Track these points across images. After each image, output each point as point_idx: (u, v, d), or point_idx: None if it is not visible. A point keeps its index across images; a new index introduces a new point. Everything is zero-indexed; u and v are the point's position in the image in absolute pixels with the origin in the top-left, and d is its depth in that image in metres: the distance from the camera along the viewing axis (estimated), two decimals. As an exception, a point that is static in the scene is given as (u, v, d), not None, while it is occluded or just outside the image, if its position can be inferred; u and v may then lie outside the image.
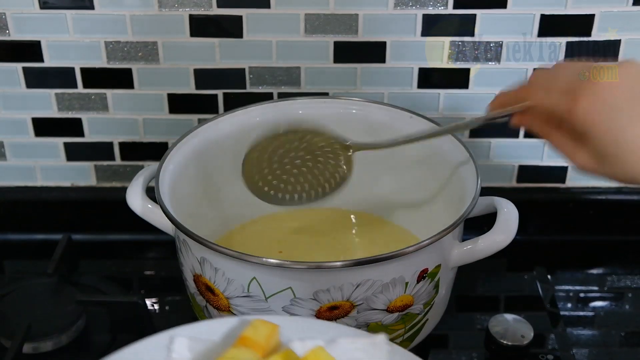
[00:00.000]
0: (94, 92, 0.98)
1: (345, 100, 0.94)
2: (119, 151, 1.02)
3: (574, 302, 0.96)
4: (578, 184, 1.04)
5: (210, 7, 0.93)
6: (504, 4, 0.92)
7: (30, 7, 0.92)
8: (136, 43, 0.95)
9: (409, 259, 0.74)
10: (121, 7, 0.93)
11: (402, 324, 0.78)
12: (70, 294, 0.89)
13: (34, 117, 1.00)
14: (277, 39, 0.95)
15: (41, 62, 0.96)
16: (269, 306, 0.74)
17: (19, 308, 0.88)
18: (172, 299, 0.95)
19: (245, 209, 0.95)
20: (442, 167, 0.88)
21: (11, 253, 1.04)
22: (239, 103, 0.95)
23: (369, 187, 0.96)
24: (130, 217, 0.85)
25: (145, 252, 1.04)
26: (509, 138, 1.01)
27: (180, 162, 0.85)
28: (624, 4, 0.92)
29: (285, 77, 0.97)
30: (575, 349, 0.88)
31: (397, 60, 0.96)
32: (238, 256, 0.72)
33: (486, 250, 0.78)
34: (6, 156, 1.03)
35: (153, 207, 0.83)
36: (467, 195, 0.79)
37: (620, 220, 1.04)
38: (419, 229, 0.92)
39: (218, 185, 0.92)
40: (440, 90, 0.98)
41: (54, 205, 1.03)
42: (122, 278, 0.98)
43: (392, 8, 0.92)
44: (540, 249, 1.03)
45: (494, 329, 0.86)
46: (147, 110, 0.99)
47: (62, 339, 0.85)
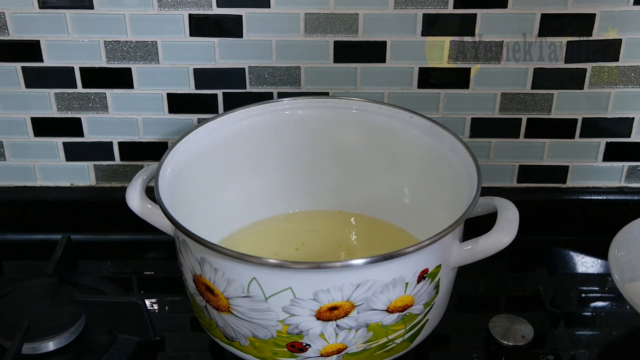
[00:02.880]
0: (93, 91, 0.98)
1: (345, 100, 0.93)
2: (118, 151, 1.02)
3: (574, 302, 0.96)
4: (578, 184, 1.04)
5: (210, 6, 0.92)
6: (504, 4, 0.92)
7: (30, 6, 0.92)
8: (135, 43, 0.95)
9: (409, 259, 0.74)
10: (120, 7, 0.92)
11: (402, 324, 0.78)
12: (70, 294, 0.89)
13: (33, 117, 1.00)
14: (277, 39, 0.95)
15: (40, 61, 0.96)
16: (269, 306, 0.74)
17: (19, 308, 0.88)
18: (172, 299, 0.95)
19: (245, 209, 0.95)
20: (442, 167, 0.88)
21: (11, 253, 1.03)
22: (239, 103, 0.95)
23: (369, 189, 0.96)
24: (129, 217, 0.85)
25: (145, 252, 1.04)
26: (509, 138, 1.01)
27: (179, 162, 0.85)
28: (624, 4, 0.92)
29: (285, 77, 0.97)
30: (576, 349, 0.88)
31: (397, 60, 0.96)
32: (238, 256, 0.71)
33: (487, 250, 0.78)
34: (5, 156, 1.02)
35: (152, 207, 0.83)
36: (467, 195, 0.79)
37: (620, 220, 1.04)
38: (419, 229, 0.92)
39: (218, 185, 0.92)
40: (440, 90, 0.98)
41: (53, 206, 1.03)
42: (122, 278, 0.98)
43: (392, 8, 0.92)
44: (540, 249, 1.02)
45: (494, 329, 0.86)
46: (146, 110, 0.99)
47: (62, 339, 0.85)
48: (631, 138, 1.01)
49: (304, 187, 0.97)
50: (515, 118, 1.00)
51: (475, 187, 0.79)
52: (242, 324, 0.77)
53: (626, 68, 0.96)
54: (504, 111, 0.99)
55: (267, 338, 0.77)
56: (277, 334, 0.76)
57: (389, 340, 0.78)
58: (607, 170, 1.03)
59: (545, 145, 1.01)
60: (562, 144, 1.01)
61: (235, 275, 0.74)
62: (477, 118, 1.00)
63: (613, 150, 1.02)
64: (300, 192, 0.97)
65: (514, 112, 0.99)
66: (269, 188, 0.96)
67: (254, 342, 0.78)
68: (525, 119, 1.00)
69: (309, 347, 0.77)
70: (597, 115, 0.99)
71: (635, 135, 1.01)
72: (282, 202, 0.97)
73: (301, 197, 0.97)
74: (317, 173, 0.96)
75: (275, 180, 0.96)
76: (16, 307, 0.88)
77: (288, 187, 0.97)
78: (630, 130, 1.00)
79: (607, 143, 1.01)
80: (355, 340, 0.77)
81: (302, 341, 0.76)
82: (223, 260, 0.73)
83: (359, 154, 0.95)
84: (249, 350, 0.79)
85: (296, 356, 0.78)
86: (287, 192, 0.97)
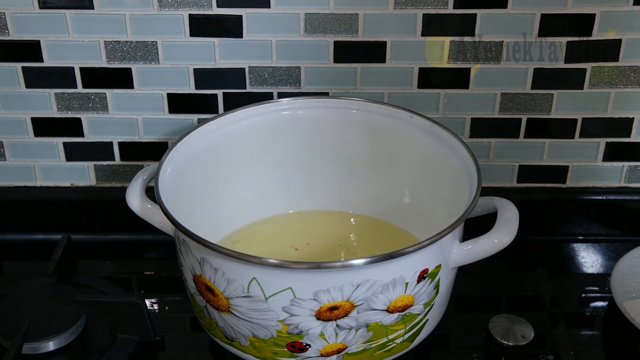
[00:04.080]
0: (93, 92, 0.98)
1: (345, 100, 0.93)
2: (118, 151, 1.02)
3: (574, 302, 0.96)
4: (578, 184, 1.04)
5: (210, 6, 0.92)
6: (504, 4, 0.92)
7: (30, 6, 0.92)
8: (136, 43, 0.95)
9: (409, 259, 0.74)
10: (121, 7, 0.92)
11: (402, 324, 0.78)
12: (70, 294, 0.89)
13: (34, 117, 1.00)
14: (277, 39, 0.95)
15: (41, 61, 0.96)
16: (269, 306, 0.74)
17: (19, 308, 0.88)
18: (172, 299, 0.95)
19: (245, 210, 0.95)
20: (442, 167, 0.88)
21: (11, 253, 1.03)
22: (239, 103, 0.95)
23: (369, 189, 0.96)
24: (129, 217, 0.85)
25: (145, 252, 1.04)
26: (509, 138, 1.01)
27: (180, 162, 0.85)
28: (624, 4, 0.92)
29: (285, 77, 0.97)
30: (575, 349, 0.88)
31: (397, 60, 0.96)
32: (238, 256, 0.72)
33: (486, 250, 0.78)
34: (5, 156, 1.02)
35: (153, 207, 0.83)
36: (467, 195, 0.79)
37: (620, 220, 1.04)
38: (419, 229, 0.92)
39: (218, 185, 0.92)
40: (440, 90, 0.98)
41: (53, 206, 1.03)
42: (122, 278, 0.98)
43: (392, 8, 0.92)
44: (540, 249, 1.03)
45: (494, 329, 0.86)
46: (146, 110, 0.99)
47: (62, 339, 0.85)
48: (631, 138, 1.01)
49: (304, 187, 0.97)
50: (515, 118, 1.00)
51: (475, 187, 0.79)
52: (242, 324, 0.77)
53: (626, 68, 0.96)
54: (504, 111, 0.99)
55: (267, 338, 0.77)
56: (277, 334, 0.76)
57: (389, 340, 0.78)
58: (607, 170, 1.03)
59: (545, 145, 1.01)
60: (562, 144, 1.01)
61: (235, 275, 0.74)
62: (477, 118, 1.00)
63: (613, 150, 1.02)
64: (300, 192, 0.97)
65: (514, 112, 0.99)
66: (269, 188, 0.96)
67: (254, 342, 0.78)
68: (525, 119, 1.00)
69: (309, 347, 0.77)
70: (597, 115, 0.99)
71: (635, 135, 1.01)
72: (282, 202, 0.97)
73: (301, 197, 0.97)
74: (317, 173, 0.96)
75: (275, 180, 0.96)
76: (16, 307, 0.88)
77: (288, 187, 0.97)
78: (630, 130, 1.00)
79: (607, 143, 1.01)
80: (355, 340, 0.77)
81: (302, 341, 0.76)
82: (223, 260, 0.73)
83: (359, 154, 0.95)
84: (249, 350, 0.79)
85: (296, 356, 0.78)
86: (287, 192, 0.97)
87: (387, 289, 0.74)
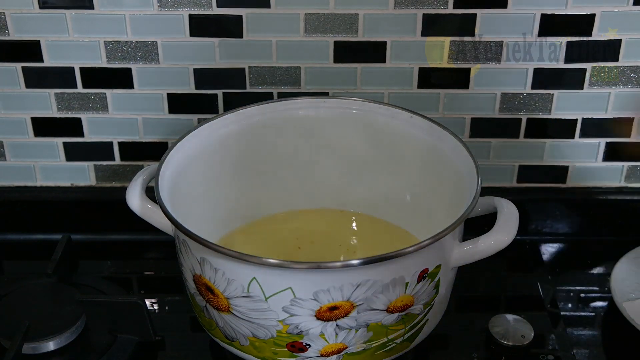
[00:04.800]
0: (93, 92, 0.98)
1: (345, 100, 0.93)
2: (118, 151, 1.02)
3: (574, 302, 0.96)
4: (578, 184, 1.04)
5: (210, 6, 0.92)
6: (504, 4, 0.92)
7: (30, 6, 0.92)
8: (136, 43, 0.95)
9: (409, 259, 0.74)
10: (121, 7, 0.92)
11: (402, 324, 0.78)
12: (70, 294, 0.89)
13: (34, 117, 1.00)
14: (277, 39, 0.95)
15: (41, 62, 0.96)
16: (269, 306, 0.74)
17: (19, 308, 0.88)
18: (172, 299, 0.95)
19: (245, 210, 0.95)
20: (442, 167, 0.88)
21: (11, 253, 1.03)
22: (239, 103, 0.95)
23: (369, 189, 0.96)
24: (129, 217, 0.85)
25: (145, 252, 1.04)
26: (509, 138, 1.01)
27: (180, 162, 0.85)
28: (624, 4, 0.92)
29: (285, 77, 0.97)
30: (576, 349, 0.88)
31: (397, 60, 0.96)
32: (238, 256, 0.71)
33: (486, 250, 0.78)
34: (5, 156, 1.02)
35: (153, 207, 0.83)
36: (467, 195, 0.79)
37: (620, 220, 1.04)
38: (419, 229, 0.92)
39: (218, 185, 0.92)
40: (440, 90, 0.98)
41: (53, 206, 1.03)
42: (122, 278, 0.98)
43: (392, 8, 0.92)
44: (540, 249, 1.02)
45: (494, 329, 0.86)
46: (146, 110, 0.99)
47: (62, 339, 0.85)
48: (631, 138, 1.01)
49: (304, 187, 0.97)
50: (515, 118, 1.00)
51: (475, 187, 0.79)
52: (242, 324, 0.77)
53: (626, 68, 0.96)
54: (504, 111, 0.99)
55: (267, 338, 0.77)
56: (277, 333, 0.76)
57: (389, 340, 0.78)
58: (607, 170, 1.03)
59: (545, 145, 1.01)
60: (562, 144, 1.01)
61: (235, 275, 0.74)
62: (477, 118, 1.00)
63: (613, 150, 1.02)
64: (301, 192, 0.97)
65: (514, 112, 0.99)
66: (269, 188, 0.96)
67: (254, 342, 0.78)
68: (525, 119, 1.00)
69: (309, 347, 0.77)
70: (597, 116, 0.99)
71: (635, 135, 1.01)
72: (282, 202, 0.97)
73: (301, 197, 0.97)
74: (317, 173, 0.96)
75: (275, 180, 0.96)
76: (16, 307, 0.88)
77: (288, 186, 0.97)
78: (630, 130, 1.00)
79: (607, 143, 1.01)
80: (355, 340, 0.77)
81: (302, 341, 0.76)
82: (223, 260, 0.73)
83: (359, 154, 0.95)
84: (249, 350, 0.79)
85: (296, 356, 0.78)
86: (287, 192, 0.97)
87: (387, 288, 0.74)
